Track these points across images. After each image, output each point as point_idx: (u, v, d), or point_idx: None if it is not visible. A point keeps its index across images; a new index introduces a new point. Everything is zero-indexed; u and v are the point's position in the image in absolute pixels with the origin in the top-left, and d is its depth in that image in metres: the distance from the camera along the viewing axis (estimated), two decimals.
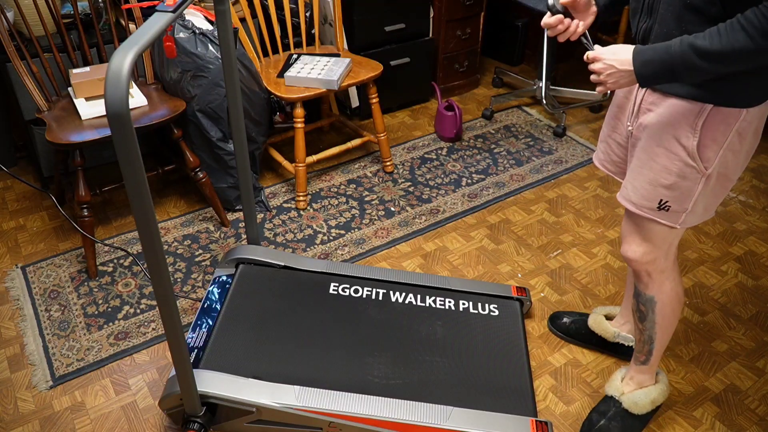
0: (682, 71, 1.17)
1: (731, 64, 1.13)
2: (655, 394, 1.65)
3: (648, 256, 1.45)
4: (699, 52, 1.14)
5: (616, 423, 1.66)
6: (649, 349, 1.59)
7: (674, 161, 1.32)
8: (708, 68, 1.15)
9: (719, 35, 1.12)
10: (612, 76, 1.25)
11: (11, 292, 2.13)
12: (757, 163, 2.86)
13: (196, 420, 1.57)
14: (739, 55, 1.11)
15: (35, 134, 2.44)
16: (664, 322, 1.55)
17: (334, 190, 2.65)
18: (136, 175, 1.14)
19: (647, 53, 1.20)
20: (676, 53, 1.16)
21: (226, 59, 1.70)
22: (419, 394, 1.66)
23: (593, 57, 1.28)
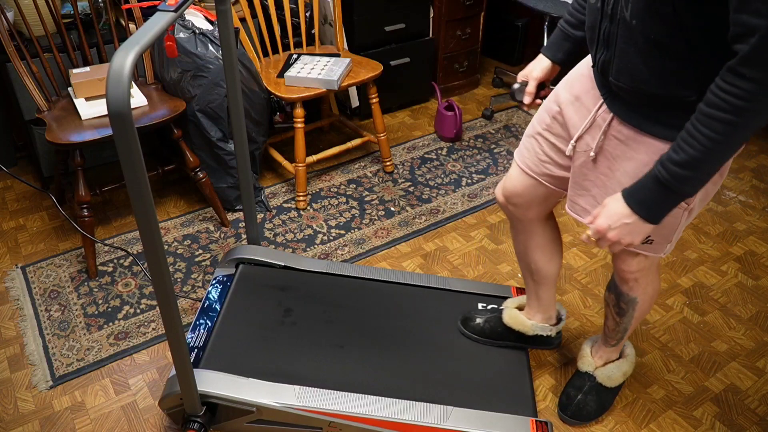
0: (684, 188, 1.09)
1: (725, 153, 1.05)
2: (626, 367, 1.72)
3: (641, 267, 1.45)
4: (680, 165, 1.06)
5: (591, 397, 1.72)
6: (622, 336, 1.65)
7: None
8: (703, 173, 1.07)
9: (691, 138, 1.04)
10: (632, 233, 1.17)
11: (11, 292, 2.13)
12: (757, 163, 2.87)
13: (196, 420, 1.57)
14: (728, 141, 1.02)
15: (35, 134, 2.44)
16: (640, 315, 1.59)
17: (334, 190, 2.65)
18: (137, 174, 1.14)
19: (637, 192, 1.14)
20: (664, 178, 1.09)
21: (227, 59, 1.70)
22: (419, 394, 1.66)
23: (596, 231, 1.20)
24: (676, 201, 1.12)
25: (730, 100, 0.99)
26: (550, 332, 1.79)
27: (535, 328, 1.78)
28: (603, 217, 1.18)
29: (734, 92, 0.98)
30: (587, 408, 1.72)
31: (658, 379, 1.88)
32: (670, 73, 1.11)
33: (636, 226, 1.15)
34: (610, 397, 1.75)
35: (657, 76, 1.12)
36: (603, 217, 1.18)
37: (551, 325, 1.79)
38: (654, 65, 1.12)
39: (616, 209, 1.16)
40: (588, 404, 1.72)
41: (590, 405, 1.72)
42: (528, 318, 1.79)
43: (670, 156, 1.07)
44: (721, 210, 2.57)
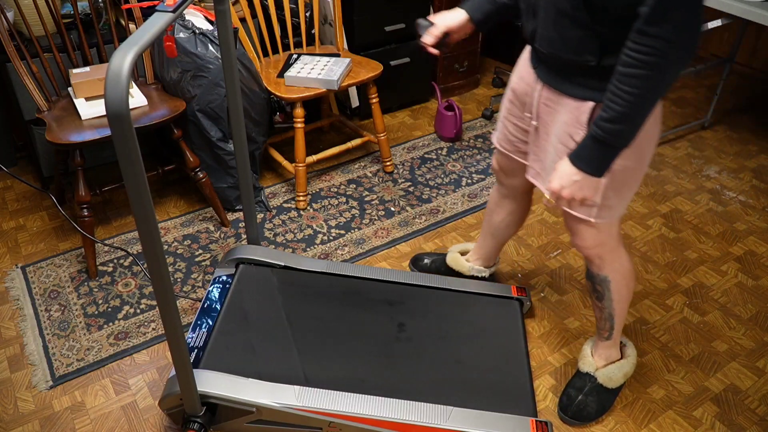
0: (618, 141, 1.21)
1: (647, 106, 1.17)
2: (627, 368, 1.75)
3: (596, 241, 1.50)
4: (610, 121, 1.19)
5: (592, 398, 1.73)
6: (611, 324, 1.67)
7: None
8: (631, 126, 1.19)
9: (615, 96, 1.17)
10: (582, 188, 1.29)
11: (11, 292, 2.13)
12: (757, 163, 2.87)
13: (196, 420, 1.57)
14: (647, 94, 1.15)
15: (35, 134, 2.44)
16: (620, 297, 1.61)
17: (334, 190, 2.65)
18: (136, 175, 1.14)
19: (581, 152, 1.27)
20: (598, 135, 1.22)
21: (226, 59, 1.70)
22: (419, 394, 1.66)
23: (553, 191, 1.32)
24: (614, 154, 1.24)
25: (642, 58, 1.11)
26: (484, 274, 2.06)
27: (472, 269, 2.05)
28: (555, 179, 1.32)
29: (644, 50, 1.11)
30: (588, 409, 1.72)
31: (658, 379, 1.88)
32: (577, 41, 1.25)
33: (585, 181, 1.28)
34: (611, 398, 1.76)
35: (566, 43, 1.27)
36: (555, 179, 1.32)
37: (487, 268, 2.06)
38: (564, 33, 1.27)
39: (565, 170, 1.29)
40: (588, 405, 1.73)
41: (591, 406, 1.73)
42: (468, 260, 2.06)
43: (601, 115, 1.20)
44: (721, 210, 2.57)
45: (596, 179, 1.28)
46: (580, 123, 1.34)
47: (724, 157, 2.90)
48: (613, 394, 1.76)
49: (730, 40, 3.75)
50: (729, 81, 3.57)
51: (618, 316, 1.65)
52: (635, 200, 2.61)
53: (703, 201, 2.62)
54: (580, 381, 1.76)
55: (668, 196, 2.64)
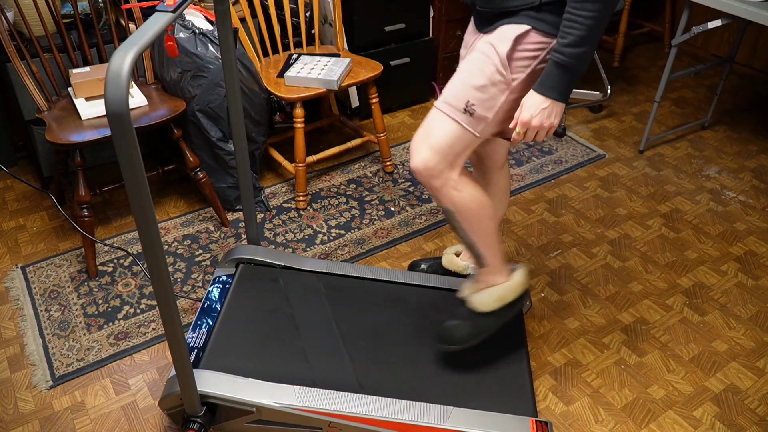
0: (579, 64, 1.33)
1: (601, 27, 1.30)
2: (502, 291, 1.69)
3: (433, 166, 1.50)
4: (573, 45, 1.30)
5: (466, 322, 1.71)
6: (477, 253, 1.65)
7: (488, 64, 1.43)
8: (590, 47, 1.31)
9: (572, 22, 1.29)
10: (551, 115, 1.40)
11: (11, 292, 2.13)
12: (757, 163, 2.87)
13: (196, 420, 1.57)
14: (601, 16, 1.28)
15: (35, 134, 2.44)
16: (472, 228, 1.60)
17: (334, 190, 2.65)
18: (136, 175, 1.14)
19: (545, 81, 1.37)
20: (562, 59, 1.33)
21: (226, 59, 1.70)
22: (419, 394, 1.66)
23: (524, 121, 1.41)
24: (575, 76, 1.36)
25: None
26: None
27: (467, 268, 2.03)
28: (524, 110, 1.40)
29: None
30: (459, 332, 1.71)
31: (658, 379, 1.88)
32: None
33: (552, 107, 1.39)
34: (489, 322, 1.71)
35: None
36: (524, 110, 1.40)
37: None
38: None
39: (533, 100, 1.39)
40: (460, 329, 1.71)
41: (463, 329, 1.71)
42: (463, 260, 2.05)
43: (560, 42, 1.32)
44: (721, 210, 2.57)
45: (561, 104, 1.39)
46: (508, 37, 1.40)
47: (724, 157, 2.90)
48: (492, 318, 1.71)
49: (730, 40, 3.75)
50: (729, 81, 3.57)
51: (480, 244, 1.62)
52: (635, 200, 2.61)
53: (703, 201, 2.62)
54: (457, 307, 1.76)
55: (668, 196, 2.65)
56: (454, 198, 1.54)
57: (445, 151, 1.49)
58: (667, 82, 2.71)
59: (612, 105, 3.32)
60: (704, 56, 3.85)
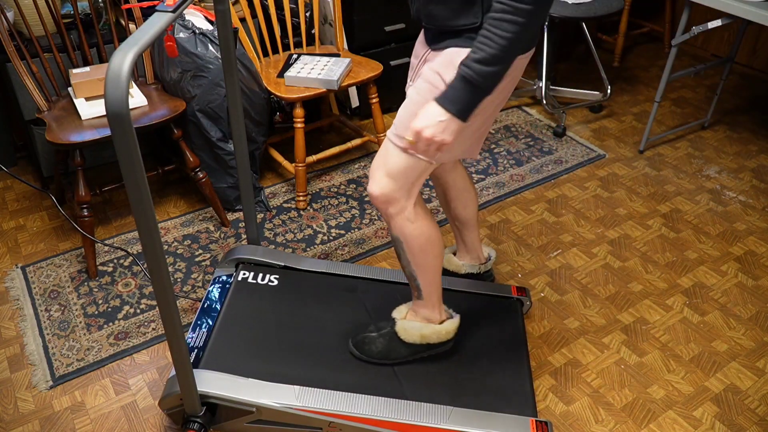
0: (486, 83, 1.25)
1: (515, 50, 1.23)
2: (427, 331, 1.71)
3: (389, 193, 1.50)
4: (483, 62, 1.22)
5: (383, 340, 1.74)
6: (416, 285, 1.65)
7: (435, 93, 1.36)
8: (501, 68, 1.24)
9: (488, 39, 1.22)
10: (445, 130, 1.29)
11: (11, 292, 2.13)
12: (757, 163, 2.87)
13: (196, 420, 1.57)
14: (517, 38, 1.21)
15: (35, 134, 2.44)
16: (417, 261, 1.60)
17: (334, 190, 2.65)
18: (136, 175, 1.14)
19: (448, 93, 1.28)
20: (470, 75, 1.24)
21: (226, 59, 1.70)
22: (419, 394, 1.66)
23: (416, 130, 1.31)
24: (480, 96, 1.27)
25: (516, 5, 1.18)
26: (478, 270, 2.03)
27: (465, 267, 2.02)
28: (420, 118, 1.30)
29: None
30: (371, 345, 1.74)
31: (658, 379, 1.88)
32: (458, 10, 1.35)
33: (449, 123, 1.29)
34: (402, 351, 1.74)
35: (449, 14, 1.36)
36: (420, 118, 1.30)
37: (480, 264, 2.02)
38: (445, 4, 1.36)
39: (432, 110, 1.29)
40: (375, 342, 1.75)
41: (376, 345, 1.74)
42: (459, 260, 2.03)
43: (472, 56, 1.24)
44: (721, 210, 2.57)
45: (459, 122, 1.29)
46: (454, 64, 1.36)
47: (724, 157, 2.90)
48: (405, 348, 1.73)
49: (730, 40, 3.75)
50: (729, 81, 3.57)
51: (422, 278, 1.63)
52: (635, 200, 2.61)
53: (703, 201, 2.62)
54: (385, 323, 1.78)
55: (668, 196, 2.65)
56: (405, 229, 1.55)
57: (400, 179, 1.48)
58: (667, 82, 2.71)
59: (612, 105, 3.32)
60: (704, 56, 3.85)
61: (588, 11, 2.82)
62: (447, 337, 1.74)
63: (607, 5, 2.87)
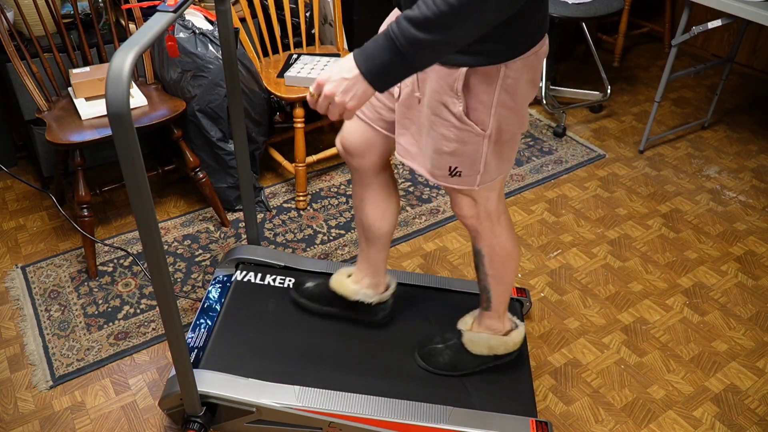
0: (410, 51, 1.03)
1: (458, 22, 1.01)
2: (494, 342, 1.68)
3: (472, 211, 1.46)
4: (414, 22, 1.01)
5: (449, 351, 1.71)
6: (487, 297, 1.63)
7: (449, 128, 1.28)
8: (433, 39, 1.02)
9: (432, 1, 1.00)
10: (347, 91, 1.10)
11: (11, 292, 2.13)
12: (757, 163, 2.87)
13: (196, 420, 1.57)
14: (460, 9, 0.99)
15: (35, 134, 2.44)
16: (495, 274, 1.57)
17: (334, 190, 2.65)
18: (137, 175, 1.14)
19: (368, 47, 1.07)
20: (394, 34, 1.03)
21: (227, 59, 1.70)
22: (419, 394, 1.66)
23: (319, 82, 1.14)
24: (401, 65, 1.06)
25: None
26: (371, 299, 1.77)
27: (358, 293, 1.76)
28: (327, 70, 1.13)
29: None
30: (438, 357, 1.72)
31: (658, 379, 1.88)
32: None
33: (355, 83, 1.09)
34: (470, 362, 1.71)
35: None
36: (327, 70, 1.13)
37: (377, 294, 1.78)
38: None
39: (342, 62, 1.11)
40: (442, 354, 1.72)
41: (443, 356, 1.71)
42: (355, 282, 1.77)
43: (406, 12, 1.03)
44: (721, 210, 2.57)
45: (366, 86, 1.09)
46: (454, 91, 1.24)
47: (724, 157, 2.91)
48: (473, 359, 1.71)
49: (730, 40, 3.75)
50: (729, 81, 3.57)
51: (495, 291, 1.61)
52: (635, 200, 2.61)
53: (703, 201, 2.62)
54: (451, 334, 1.75)
55: (668, 196, 2.65)
56: (491, 241, 1.52)
57: (470, 204, 1.44)
58: (667, 82, 2.71)
59: (612, 105, 3.32)
60: (704, 56, 3.85)
61: (588, 11, 2.82)
62: (514, 348, 1.71)
63: (607, 5, 2.87)
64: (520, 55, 1.22)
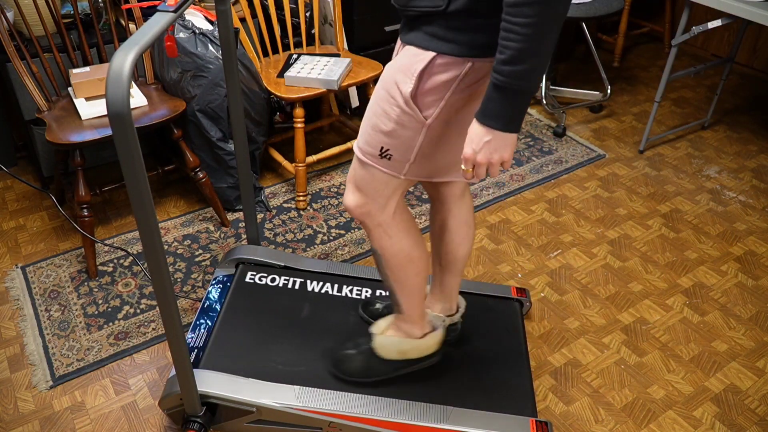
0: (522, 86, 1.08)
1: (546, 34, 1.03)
2: (406, 347, 1.63)
3: (362, 206, 1.39)
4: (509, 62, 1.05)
5: (361, 357, 1.67)
6: (395, 300, 1.56)
7: (393, 106, 1.25)
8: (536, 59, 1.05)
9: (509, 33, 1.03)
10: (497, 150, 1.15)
11: (11, 292, 2.13)
12: (757, 163, 2.87)
13: (196, 420, 1.57)
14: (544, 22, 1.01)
15: (35, 134, 2.44)
16: (396, 277, 1.50)
17: (334, 190, 2.65)
18: (137, 175, 1.14)
19: (486, 108, 1.12)
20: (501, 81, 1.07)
21: (227, 59, 1.70)
22: (419, 394, 1.66)
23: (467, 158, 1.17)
24: (522, 100, 1.10)
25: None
26: (443, 322, 1.74)
27: (431, 318, 1.73)
28: (467, 145, 1.16)
29: None
30: (350, 364, 1.67)
31: (658, 379, 1.88)
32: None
33: (498, 140, 1.13)
34: (382, 369, 1.66)
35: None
36: (467, 145, 1.16)
37: (447, 316, 1.75)
38: None
39: (475, 132, 1.15)
40: (353, 360, 1.68)
41: (355, 363, 1.67)
42: (427, 306, 1.74)
43: (498, 58, 1.06)
44: (721, 210, 2.57)
45: (510, 135, 1.13)
46: (411, 72, 1.21)
47: (724, 157, 2.91)
48: (386, 366, 1.66)
49: (730, 40, 3.75)
50: (729, 81, 3.57)
51: (400, 294, 1.53)
52: (635, 200, 2.61)
53: (703, 201, 2.62)
54: (365, 338, 1.70)
55: (668, 196, 2.65)
56: (383, 243, 1.44)
57: (372, 193, 1.37)
58: (667, 82, 2.71)
59: (612, 105, 3.32)
60: (704, 56, 3.85)
61: (588, 11, 2.82)
62: (428, 352, 1.66)
63: (607, 5, 2.87)
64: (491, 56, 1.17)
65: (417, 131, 1.27)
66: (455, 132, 1.29)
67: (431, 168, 1.35)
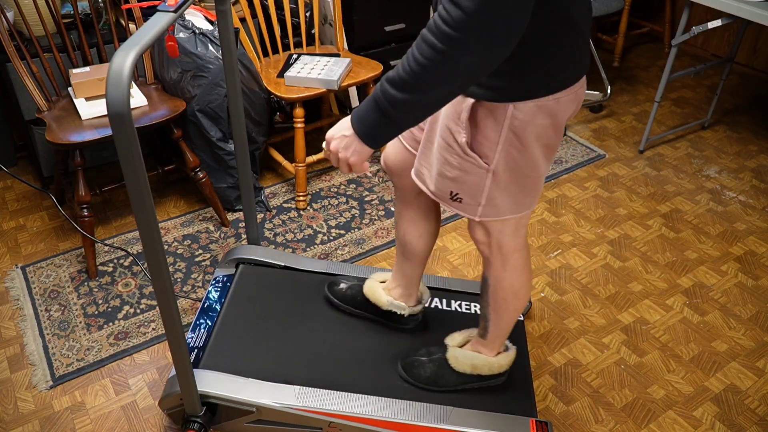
0: (392, 111, 1.06)
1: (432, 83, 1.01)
2: (479, 362, 1.63)
3: (484, 239, 1.41)
4: (392, 83, 1.04)
5: (432, 365, 1.67)
6: (485, 326, 1.58)
7: (453, 155, 1.26)
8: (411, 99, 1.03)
9: (406, 58, 1.01)
10: (347, 148, 1.16)
11: (11, 292, 2.13)
12: (757, 163, 2.87)
13: (196, 420, 1.57)
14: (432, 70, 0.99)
15: (35, 134, 2.44)
16: (497, 308, 1.52)
17: (334, 190, 2.65)
18: (137, 174, 1.14)
19: (361, 107, 1.12)
20: (377, 94, 1.06)
21: (227, 59, 1.70)
22: (419, 394, 1.66)
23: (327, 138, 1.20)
24: (388, 125, 1.08)
25: (440, 25, 0.96)
26: (403, 311, 1.77)
27: (390, 303, 1.77)
28: (335, 126, 1.20)
29: (444, 17, 0.95)
30: (420, 370, 1.67)
31: (658, 379, 1.88)
32: None
33: (352, 141, 1.15)
34: (451, 379, 1.66)
35: None
36: (335, 126, 1.20)
37: (408, 306, 1.77)
38: None
39: (343, 122, 1.17)
40: (424, 367, 1.67)
41: (425, 370, 1.67)
42: (387, 291, 1.78)
43: (388, 73, 1.05)
44: (721, 210, 2.57)
45: (363, 145, 1.13)
46: (461, 121, 1.22)
47: (724, 157, 2.91)
48: (456, 378, 1.66)
49: (730, 40, 3.75)
50: (729, 81, 3.57)
51: (494, 323, 1.55)
52: (635, 200, 2.61)
53: (703, 201, 2.62)
54: (437, 348, 1.71)
55: (668, 196, 2.65)
56: (499, 274, 1.46)
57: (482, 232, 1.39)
58: (667, 82, 2.71)
59: (612, 105, 3.32)
60: (704, 56, 3.85)
61: None
62: (499, 370, 1.64)
63: (607, 5, 2.87)
64: (533, 98, 1.16)
65: (482, 177, 1.27)
66: (522, 174, 1.28)
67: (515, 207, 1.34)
